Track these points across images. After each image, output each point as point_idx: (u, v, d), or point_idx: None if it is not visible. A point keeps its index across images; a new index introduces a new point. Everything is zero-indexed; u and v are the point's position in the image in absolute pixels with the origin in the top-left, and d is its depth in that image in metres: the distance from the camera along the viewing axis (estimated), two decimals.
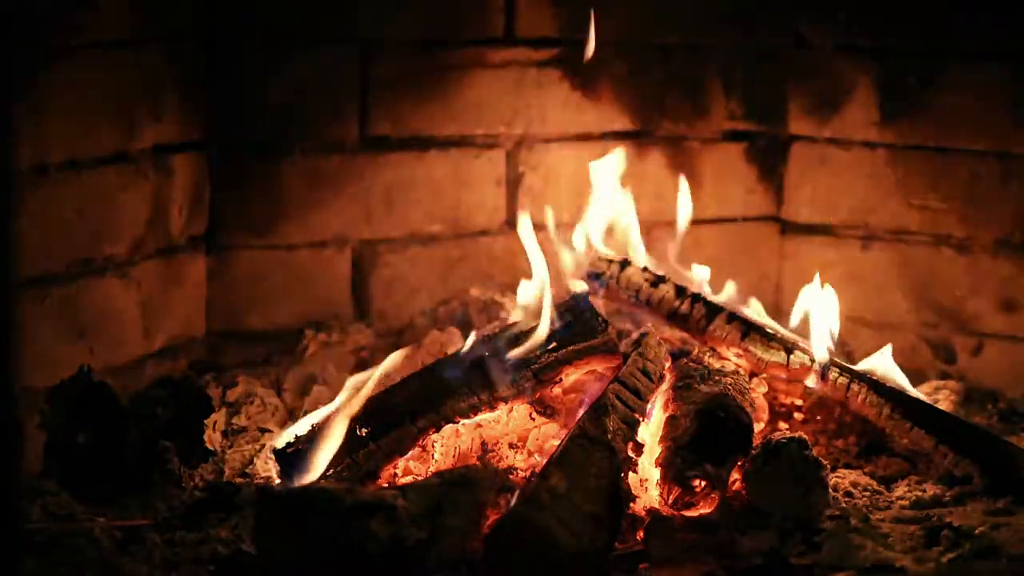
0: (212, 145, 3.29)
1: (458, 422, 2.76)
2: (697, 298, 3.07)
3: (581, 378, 2.83)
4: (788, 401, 3.13)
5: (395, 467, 2.75)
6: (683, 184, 3.34)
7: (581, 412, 2.70)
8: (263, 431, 3.03)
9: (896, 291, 3.56)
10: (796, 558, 2.51)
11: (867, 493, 2.84)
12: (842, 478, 2.88)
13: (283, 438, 2.78)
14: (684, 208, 3.31)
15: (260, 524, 2.39)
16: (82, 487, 2.70)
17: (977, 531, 2.59)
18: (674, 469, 2.62)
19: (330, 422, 2.71)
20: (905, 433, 2.94)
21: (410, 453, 2.75)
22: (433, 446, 2.77)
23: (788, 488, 2.64)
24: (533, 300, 2.91)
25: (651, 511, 2.62)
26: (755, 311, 3.16)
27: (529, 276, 2.99)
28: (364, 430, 2.70)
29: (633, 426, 2.66)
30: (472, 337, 2.88)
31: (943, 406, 3.16)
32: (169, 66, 3.15)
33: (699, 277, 3.15)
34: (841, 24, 3.55)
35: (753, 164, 3.71)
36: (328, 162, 3.41)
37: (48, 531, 2.51)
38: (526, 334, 2.82)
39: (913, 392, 3.04)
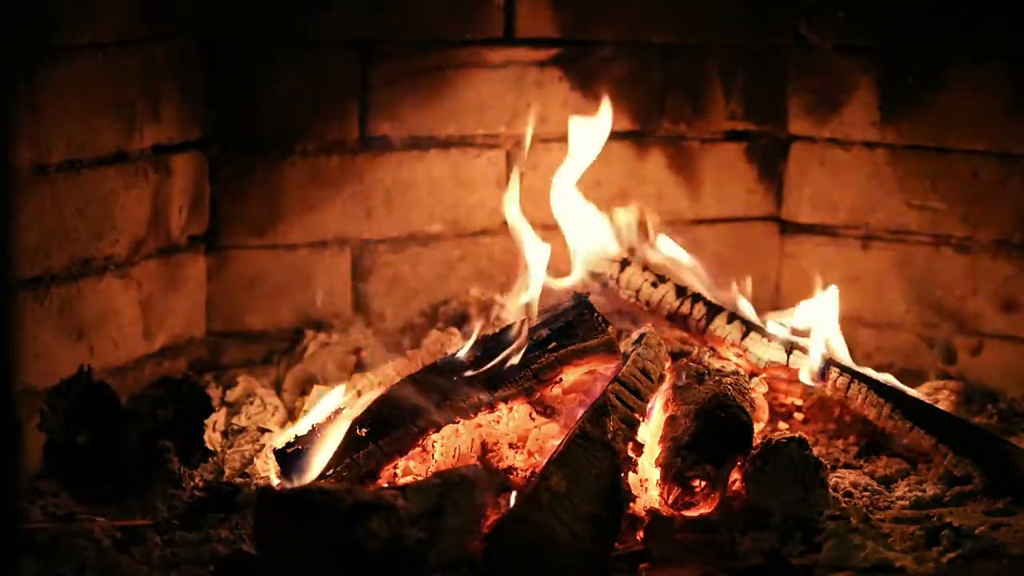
0: (212, 145, 3.30)
1: (458, 422, 2.76)
2: (697, 298, 3.07)
3: (581, 378, 2.83)
4: (788, 401, 3.14)
5: (395, 467, 2.75)
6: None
7: (581, 412, 2.70)
8: (263, 431, 3.03)
9: (896, 291, 3.56)
10: (796, 558, 2.51)
11: (867, 493, 2.84)
12: (842, 478, 2.88)
13: (283, 438, 2.78)
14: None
15: (260, 524, 2.39)
16: (82, 487, 2.70)
17: (977, 531, 2.59)
18: (674, 469, 2.62)
19: (331, 422, 2.72)
20: (905, 433, 2.94)
21: (410, 453, 2.75)
22: (433, 446, 2.76)
23: (788, 488, 2.64)
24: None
25: (651, 511, 2.62)
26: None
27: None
28: (364, 430, 2.71)
29: (633, 426, 2.66)
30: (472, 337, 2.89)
31: (943, 406, 3.16)
32: (169, 66, 3.15)
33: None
34: (841, 24, 3.55)
35: (753, 164, 3.71)
36: (328, 162, 3.41)
37: (48, 531, 2.51)
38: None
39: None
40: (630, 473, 2.61)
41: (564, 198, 3.23)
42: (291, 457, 2.70)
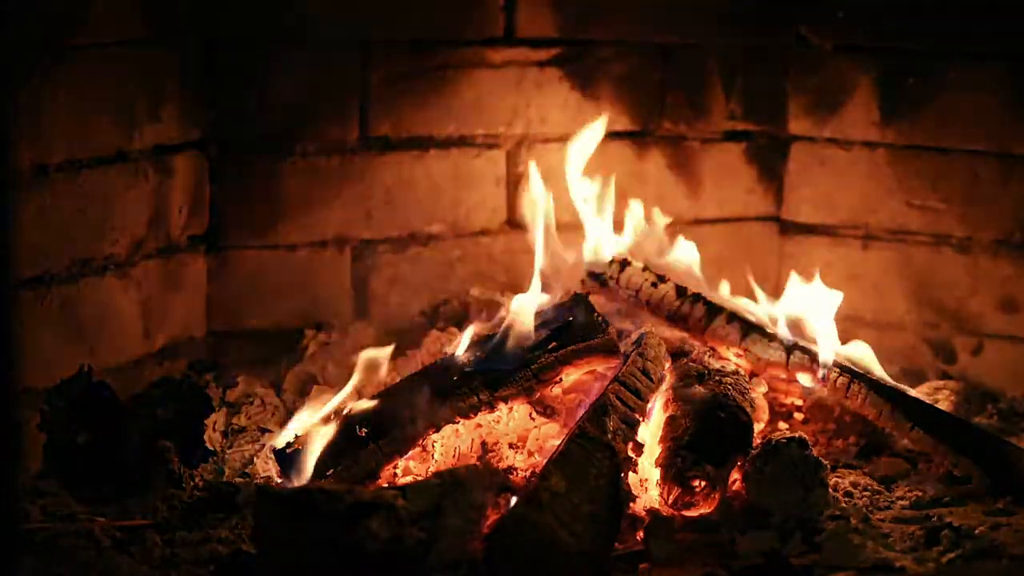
0: (212, 145, 3.30)
1: (458, 422, 2.76)
2: (697, 298, 3.07)
3: (581, 378, 2.83)
4: (788, 401, 3.13)
5: (395, 467, 2.75)
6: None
7: (581, 412, 2.70)
8: (263, 431, 3.03)
9: (896, 291, 3.56)
10: (796, 558, 2.51)
11: (867, 493, 2.84)
12: (842, 478, 2.88)
13: (283, 438, 2.78)
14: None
15: (260, 524, 2.39)
16: (82, 487, 2.70)
17: (977, 531, 2.59)
18: (674, 469, 2.62)
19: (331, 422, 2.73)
20: (905, 433, 2.94)
21: (410, 453, 2.75)
22: (433, 446, 2.77)
23: (788, 488, 2.64)
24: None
25: (651, 511, 2.62)
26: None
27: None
28: (364, 430, 2.71)
29: (633, 426, 2.66)
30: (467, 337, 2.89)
31: (943, 406, 3.15)
32: (169, 66, 3.15)
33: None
34: (841, 24, 3.55)
35: (753, 164, 3.71)
36: (328, 162, 3.41)
37: (48, 531, 2.51)
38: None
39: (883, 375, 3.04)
40: (630, 473, 2.61)
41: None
42: (291, 457, 2.70)
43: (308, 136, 3.38)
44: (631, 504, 2.60)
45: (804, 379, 3.00)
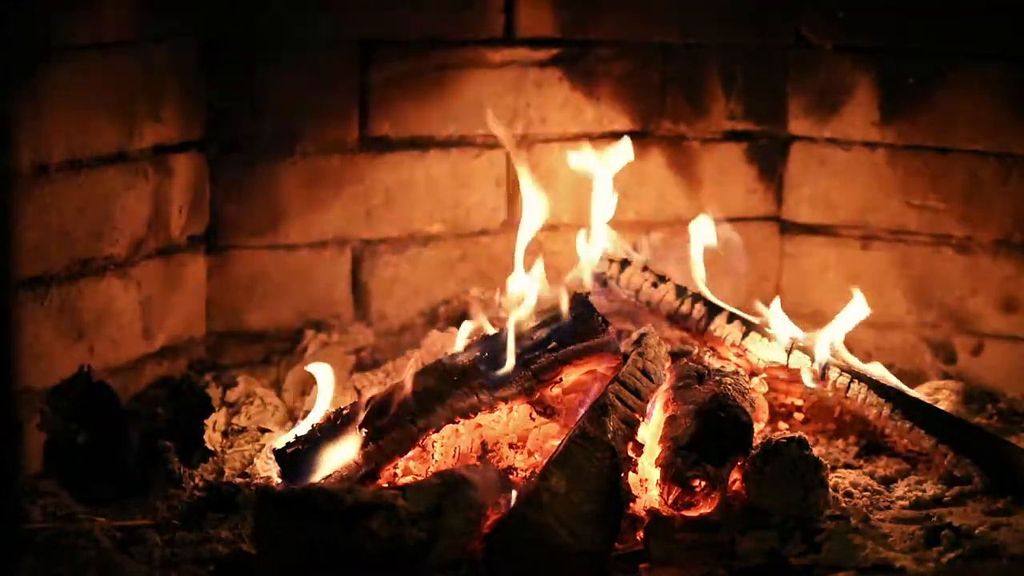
0: (212, 145, 3.30)
1: (458, 422, 2.76)
2: (697, 298, 3.07)
3: (581, 378, 2.82)
4: (788, 401, 3.13)
5: (395, 467, 2.75)
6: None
7: (581, 412, 2.70)
8: (263, 431, 3.03)
9: (896, 291, 3.56)
10: (796, 558, 2.51)
11: (867, 493, 2.84)
12: (842, 478, 2.88)
13: (283, 438, 2.78)
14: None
15: (260, 524, 2.39)
16: (82, 487, 2.70)
17: (977, 531, 2.59)
18: (674, 469, 2.62)
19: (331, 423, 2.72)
20: (905, 433, 2.94)
21: (410, 453, 2.75)
22: (433, 446, 2.77)
23: (788, 488, 2.64)
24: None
25: (651, 511, 2.62)
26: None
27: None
28: (364, 430, 2.71)
29: (633, 426, 2.66)
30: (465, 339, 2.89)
31: (943, 406, 3.16)
32: (169, 66, 3.15)
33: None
34: (841, 24, 3.55)
35: (753, 164, 3.71)
36: (328, 162, 3.41)
37: (48, 531, 2.51)
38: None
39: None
40: (630, 473, 2.61)
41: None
42: (291, 457, 2.70)
43: (308, 136, 3.38)
44: (631, 504, 2.60)
45: (805, 379, 3.01)
